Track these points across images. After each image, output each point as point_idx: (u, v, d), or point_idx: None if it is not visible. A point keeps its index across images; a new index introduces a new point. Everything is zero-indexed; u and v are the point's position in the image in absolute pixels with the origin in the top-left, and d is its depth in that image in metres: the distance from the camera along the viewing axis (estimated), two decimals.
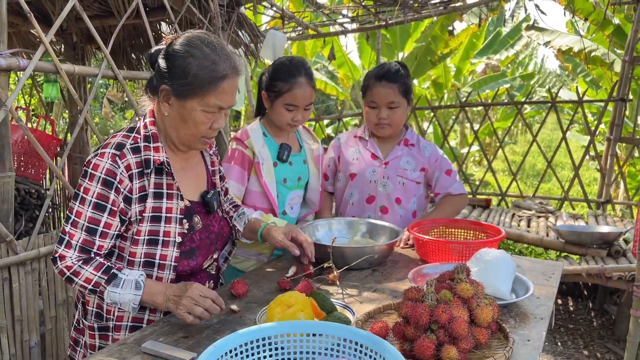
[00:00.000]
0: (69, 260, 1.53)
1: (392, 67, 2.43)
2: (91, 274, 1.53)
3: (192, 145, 1.69)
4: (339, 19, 6.35)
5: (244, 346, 1.16)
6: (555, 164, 12.60)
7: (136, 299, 1.54)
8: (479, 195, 6.35)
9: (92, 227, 1.55)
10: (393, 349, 1.08)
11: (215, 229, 1.79)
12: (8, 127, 2.30)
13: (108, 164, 1.54)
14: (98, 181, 1.54)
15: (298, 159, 2.39)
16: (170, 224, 1.63)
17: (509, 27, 11.33)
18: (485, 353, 1.36)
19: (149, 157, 1.60)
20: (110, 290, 1.53)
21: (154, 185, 1.62)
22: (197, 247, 1.71)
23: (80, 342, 1.74)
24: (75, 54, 4.71)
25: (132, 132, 1.64)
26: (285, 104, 2.21)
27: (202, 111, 1.59)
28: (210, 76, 1.56)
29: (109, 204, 1.55)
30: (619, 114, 5.83)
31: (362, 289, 1.82)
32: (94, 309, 1.69)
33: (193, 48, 1.57)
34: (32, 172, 4.32)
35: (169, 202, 1.64)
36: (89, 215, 1.54)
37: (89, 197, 1.54)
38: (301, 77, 2.20)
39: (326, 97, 14.55)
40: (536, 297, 1.76)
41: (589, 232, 4.15)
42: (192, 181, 1.77)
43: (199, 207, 1.74)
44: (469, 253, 1.95)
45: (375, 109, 2.45)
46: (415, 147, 2.55)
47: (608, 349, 4.11)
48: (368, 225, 2.30)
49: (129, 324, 1.66)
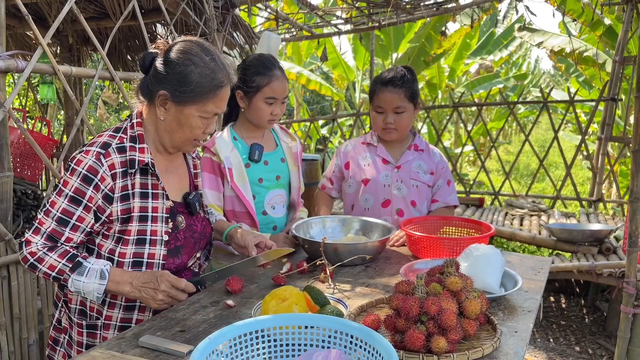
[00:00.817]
0: (34, 246, 1.57)
1: (398, 73, 2.45)
2: (55, 260, 1.57)
3: (183, 147, 1.75)
4: (332, 20, 6.39)
5: (238, 338, 1.18)
6: (549, 163, 12.70)
7: (100, 288, 1.58)
8: (472, 195, 6.40)
9: (64, 219, 1.58)
10: (383, 340, 1.11)
11: (199, 229, 1.84)
12: (7, 128, 2.34)
13: (91, 162, 1.59)
14: (78, 176, 1.58)
15: (274, 157, 2.39)
16: (156, 223, 1.68)
17: (502, 28, 11.41)
18: (474, 344, 1.40)
19: (134, 157, 1.64)
20: (75, 279, 1.57)
21: (139, 185, 1.66)
22: (182, 246, 1.75)
23: (60, 341, 1.77)
24: (71, 56, 4.74)
25: (118, 132, 1.68)
26: (265, 98, 2.22)
27: (199, 117, 1.65)
28: (210, 84, 1.63)
29: (85, 199, 1.59)
30: (610, 113, 5.89)
31: (355, 284, 1.86)
32: (77, 306, 1.71)
33: (194, 56, 1.63)
34: (28, 174, 4.35)
35: (155, 202, 1.68)
36: (62, 207, 1.58)
37: (66, 190, 1.58)
38: (277, 70, 2.24)
39: (321, 97, 14.61)
40: (525, 291, 1.80)
41: (580, 230, 4.21)
42: (175, 182, 1.81)
43: (182, 208, 1.79)
44: (459, 249, 1.99)
45: (382, 114, 2.47)
46: (425, 152, 2.57)
47: (599, 345, 4.17)
48: (361, 223, 2.34)
49: (118, 323, 1.70)
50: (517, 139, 20.41)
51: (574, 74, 9.35)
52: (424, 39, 8.00)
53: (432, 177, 2.56)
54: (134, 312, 1.71)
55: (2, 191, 2.33)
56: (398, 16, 5.49)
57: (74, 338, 1.72)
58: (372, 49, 6.92)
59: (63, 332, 1.76)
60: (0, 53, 2.25)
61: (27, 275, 2.44)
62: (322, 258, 1.87)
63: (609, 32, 6.75)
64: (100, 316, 1.69)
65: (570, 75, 9.44)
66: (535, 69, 23.20)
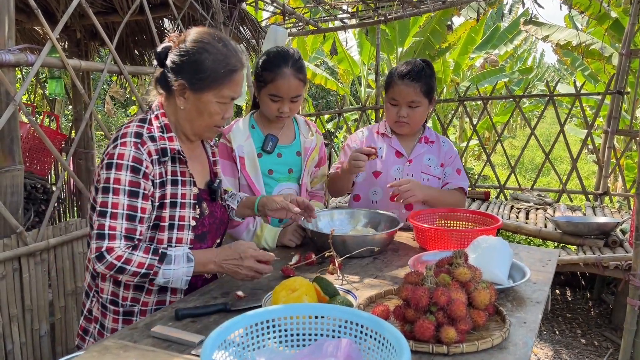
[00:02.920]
0: (119, 251, 1.57)
1: (416, 66, 2.39)
2: (142, 257, 1.59)
3: (204, 134, 1.79)
4: (338, 15, 6.38)
5: (249, 328, 1.18)
6: (554, 157, 12.66)
7: (189, 271, 1.64)
8: (478, 189, 6.40)
9: (132, 215, 1.60)
10: (394, 329, 1.11)
11: (219, 215, 1.90)
12: (17, 122, 2.36)
13: (133, 152, 1.61)
14: (127, 169, 1.59)
15: (290, 150, 2.35)
16: (184, 209, 1.72)
17: (507, 22, 11.36)
18: (483, 334, 1.41)
19: (165, 146, 1.68)
20: (165, 269, 1.61)
21: (171, 172, 1.71)
22: (207, 232, 1.82)
23: (90, 331, 1.80)
24: (79, 51, 4.76)
25: (144, 122, 1.71)
26: (269, 95, 2.19)
27: (217, 102, 1.69)
28: (224, 70, 1.66)
29: (141, 189, 1.61)
30: (616, 106, 5.87)
31: (363, 276, 1.88)
32: (109, 296, 1.74)
33: (206, 44, 1.67)
34: (38, 168, 4.39)
35: (184, 189, 1.73)
36: (126, 204, 1.59)
37: (122, 187, 1.59)
38: (286, 68, 2.15)
39: (326, 92, 14.59)
40: (533, 282, 1.81)
41: (586, 223, 4.20)
42: (199, 170, 1.86)
43: (205, 195, 1.84)
44: (467, 241, 2.00)
45: (396, 107, 2.43)
46: (435, 143, 2.55)
47: (605, 337, 4.18)
48: (369, 215, 2.35)
49: (154, 307, 1.74)
50: (522, 133, 20.34)
51: (579, 68, 9.32)
52: (429, 33, 7.99)
53: (442, 170, 2.54)
54: (167, 294, 1.75)
55: (13, 184, 2.35)
56: (404, 10, 5.49)
57: (108, 326, 1.75)
58: (378, 43, 6.90)
59: (94, 321, 1.79)
60: (10, 47, 2.27)
61: (38, 267, 2.47)
62: (331, 250, 1.89)
63: (615, 25, 6.73)
64: (137, 303, 1.73)
65: (576, 69, 9.42)
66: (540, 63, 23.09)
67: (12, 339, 2.39)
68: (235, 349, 1.15)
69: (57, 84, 5.17)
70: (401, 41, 8.82)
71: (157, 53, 1.73)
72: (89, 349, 1.34)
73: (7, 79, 2.25)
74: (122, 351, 1.33)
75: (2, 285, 2.32)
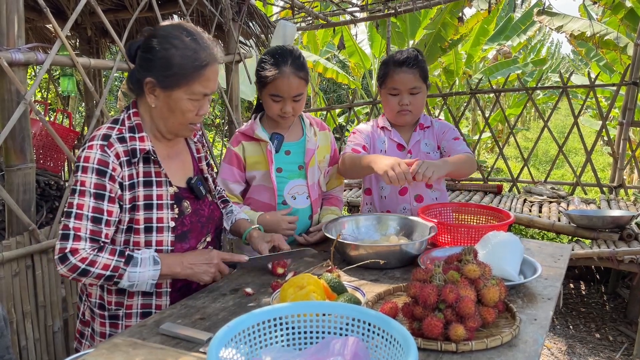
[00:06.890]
0: (83, 252, 1.55)
1: (411, 54, 2.41)
2: (108, 259, 1.57)
3: (179, 132, 1.75)
4: (348, 8, 6.35)
5: (257, 326, 1.18)
6: (568, 149, 12.53)
7: (155, 274, 1.62)
8: (490, 182, 6.35)
9: (97, 217, 1.58)
10: (401, 327, 1.11)
11: (206, 213, 1.84)
12: (28, 120, 2.37)
13: (99, 154, 1.59)
14: (92, 172, 1.58)
15: (298, 147, 2.33)
16: (162, 210, 1.69)
17: (520, 13, 11.22)
18: (493, 332, 1.40)
19: (135, 146, 1.65)
20: (130, 271, 1.59)
21: (143, 174, 1.68)
22: (189, 231, 1.76)
23: (85, 334, 1.80)
24: (90, 48, 4.78)
25: (116, 123, 1.69)
26: (270, 95, 2.16)
27: (189, 99, 1.64)
28: (193, 65, 1.61)
29: (107, 192, 1.60)
30: (631, 97, 5.78)
31: (372, 273, 1.87)
32: (97, 300, 1.74)
33: (173, 38, 1.61)
34: (51, 165, 4.42)
35: (159, 189, 1.70)
36: (92, 206, 1.58)
37: (87, 189, 1.58)
38: (285, 67, 2.11)
39: (337, 86, 14.56)
40: (544, 278, 1.79)
41: (600, 216, 4.15)
42: (178, 168, 1.81)
43: (187, 193, 1.80)
44: (478, 237, 1.98)
45: (397, 96, 2.41)
46: (430, 127, 2.54)
47: (620, 332, 4.13)
48: (399, 221, 2.21)
49: (139, 310, 1.73)
50: (536, 125, 20.15)
51: (594, 58, 9.19)
52: (440, 25, 7.91)
53: (439, 152, 2.51)
54: (152, 297, 1.73)
55: (25, 182, 2.37)
56: (414, 2, 5.44)
57: (97, 330, 1.75)
58: (389, 36, 6.87)
59: (87, 325, 1.80)
60: (20, 46, 2.28)
61: (51, 264, 2.49)
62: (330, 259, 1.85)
63: (630, 14, 6.61)
64: (121, 307, 1.72)
65: (591, 60, 9.29)
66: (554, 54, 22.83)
67: (26, 335, 2.42)
68: (242, 347, 1.15)
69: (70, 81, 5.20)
70: (412, 34, 8.75)
71: (127, 49, 1.70)
72: (99, 347, 1.35)
73: (18, 78, 2.26)
74: (131, 349, 1.34)
75: (16, 282, 2.35)
